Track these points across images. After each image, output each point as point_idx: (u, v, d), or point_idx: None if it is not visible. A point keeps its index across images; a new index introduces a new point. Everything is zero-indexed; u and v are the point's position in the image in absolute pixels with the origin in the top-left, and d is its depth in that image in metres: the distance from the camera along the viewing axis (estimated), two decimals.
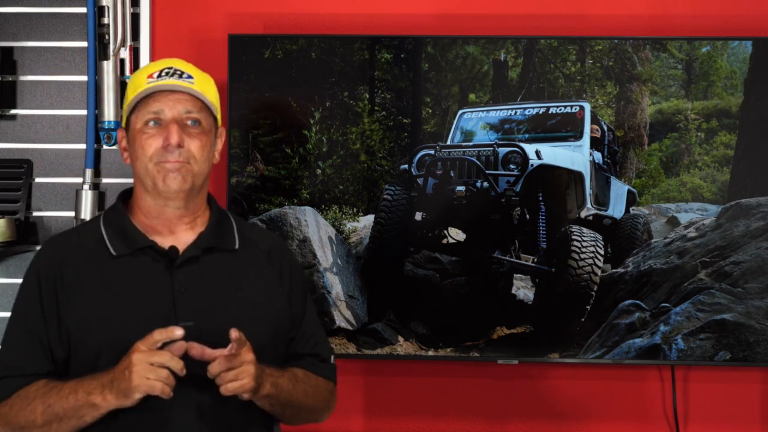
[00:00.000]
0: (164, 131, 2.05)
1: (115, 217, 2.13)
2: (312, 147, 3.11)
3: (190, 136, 2.06)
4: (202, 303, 2.06)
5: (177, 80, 2.08)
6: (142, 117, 2.06)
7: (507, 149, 3.09)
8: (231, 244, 2.15)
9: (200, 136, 2.08)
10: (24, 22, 3.19)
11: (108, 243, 2.08)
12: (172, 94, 2.07)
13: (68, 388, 1.96)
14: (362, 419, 3.25)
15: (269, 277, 2.18)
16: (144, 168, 2.06)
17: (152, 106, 2.06)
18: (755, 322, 3.02)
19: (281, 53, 3.10)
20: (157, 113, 2.05)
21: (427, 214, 3.13)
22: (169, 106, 2.06)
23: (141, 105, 2.07)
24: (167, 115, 2.05)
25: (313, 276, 3.09)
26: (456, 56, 3.13)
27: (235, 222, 2.21)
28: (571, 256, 3.06)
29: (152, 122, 2.06)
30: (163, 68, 2.10)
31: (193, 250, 2.08)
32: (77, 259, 2.07)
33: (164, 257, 2.07)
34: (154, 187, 2.06)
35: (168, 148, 2.03)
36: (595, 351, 3.07)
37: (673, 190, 3.10)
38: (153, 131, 2.06)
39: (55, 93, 3.20)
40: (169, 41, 3.20)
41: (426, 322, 3.12)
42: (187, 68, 2.13)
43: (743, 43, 3.08)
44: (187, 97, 2.08)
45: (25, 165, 3.17)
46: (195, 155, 2.06)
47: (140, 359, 1.88)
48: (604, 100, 3.13)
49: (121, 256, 2.07)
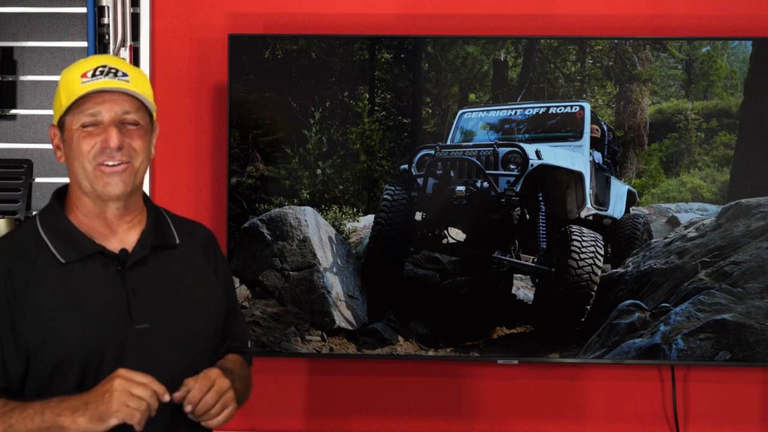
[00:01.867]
0: (102, 133, 1.98)
1: (55, 220, 2.05)
2: (312, 147, 3.11)
3: (130, 136, 2.00)
4: (153, 304, 2.03)
5: (112, 80, 2.00)
6: (78, 119, 1.99)
7: (507, 149, 3.09)
8: (172, 240, 2.12)
9: (139, 135, 2.02)
10: (24, 22, 3.19)
11: (54, 250, 2.01)
12: (108, 95, 1.99)
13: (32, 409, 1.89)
14: (362, 419, 3.25)
15: (208, 271, 2.17)
16: (82, 169, 1.99)
17: (88, 107, 1.99)
18: (755, 322, 3.02)
19: (281, 53, 3.10)
20: (94, 115, 1.99)
21: (427, 214, 3.13)
22: (106, 108, 1.99)
23: (75, 106, 2.00)
24: (105, 117, 1.98)
25: (313, 276, 3.09)
26: (456, 56, 3.13)
27: (168, 217, 2.18)
28: (571, 256, 3.06)
29: (90, 125, 1.99)
30: (96, 66, 2.02)
31: (141, 251, 2.05)
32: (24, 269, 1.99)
33: (114, 261, 2.02)
34: (93, 191, 2.01)
35: (106, 151, 1.97)
36: (595, 351, 3.07)
37: (673, 190, 3.10)
38: (91, 131, 1.98)
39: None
40: (169, 41, 3.20)
41: (426, 322, 3.12)
42: (120, 65, 2.04)
43: (743, 43, 3.08)
44: (124, 97, 2.00)
45: (25, 165, 3.17)
46: (137, 153, 2.01)
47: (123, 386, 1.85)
48: (604, 100, 3.13)
49: (71, 263, 2.00)
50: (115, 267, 2.01)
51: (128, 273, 2.01)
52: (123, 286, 2.00)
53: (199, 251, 2.16)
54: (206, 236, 2.22)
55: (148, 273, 2.04)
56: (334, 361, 3.22)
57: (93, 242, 2.02)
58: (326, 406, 3.25)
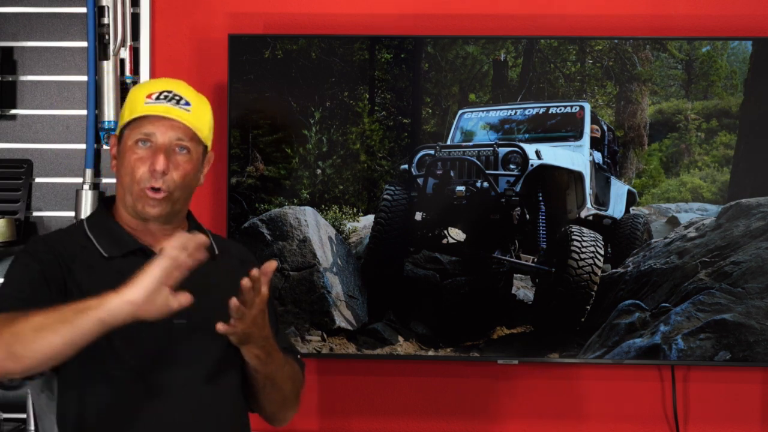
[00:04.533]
0: (152, 156, 2.09)
1: (101, 221, 2.17)
2: (312, 147, 3.11)
3: (176, 164, 2.10)
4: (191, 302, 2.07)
5: (174, 107, 2.12)
6: (134, 136, 2.11)
7: (507, 149, 3.09)
8: (212, 251, 2.21)
9: (186, 164, 2.12)
10: (24, 22, 3.19)
11: (97, 245, 2.11)
12: (166, 120, 2.11)
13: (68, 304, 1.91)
14: (362, 419, 3.25)
15: None
16: (129, 187, 2.11)
17: (145, 127, 2.10)
18: (755, 322, 3.02)
19: (281, 53, 3.10)
20: (148, 136, 2.10)
21: (427, 214, 3.13)
22: (161, 132, 2.10)
23: (135, 123, 2.12)
24: (158, 139, 2.10)
25: (313, 276, 3.09)
26: (456, 56, 3.13)
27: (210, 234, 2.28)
28: (571, 256, 3.06)
29: (142, 143, 2.10)
30: (162, 90, 2.14)
31: None
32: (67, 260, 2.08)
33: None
34: (133, 207, 2.12)
35: (153, 174, 2.08)
36: (595, 351, 3.07)
37: (673, 190, 3.10)
38: (142, 152, 2.09)
39: (55, 93, 3.20)
40: (169, 41, 3.20)
41: (426, 322, 3.12)
42: (186, 93, 2.17)
43: (743, 43, 3.08)
44: (180, 125, 2.12)
45: (25, 165, 3.17)
46: (178, 184, 2.11)
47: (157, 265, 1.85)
48: (604, 100, 3.13)
49: (113, 257, 2.10)
50: None
51: None
52: None
53: (237, 263, 2.24)
54: (244, 252, 2.35)
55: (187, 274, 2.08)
56: (334, 361, 3.22)
57: (136, 240, 2.13)
58: (326, 406, 3.25)
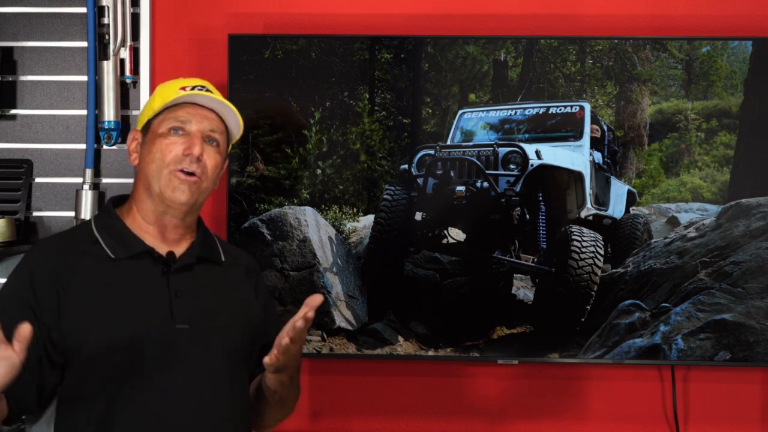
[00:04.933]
0: (187, 141, 2.12)
1: (109, 221, 2.17)
2: (312, 147, 3.11)
3: (208, 153, 2.14)
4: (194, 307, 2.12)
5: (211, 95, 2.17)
6: (167, 123, 2.13)
7: (507, 149, 3.09)
8: (217, 256, 2.25)
9: (216, 155, 2.17)
10: (24, 22, 3.19)
11: (105, 246, 2.12)
12: (201, 110, 2.15)
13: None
14: (362, 419, 3.25)
15: (248, 290, 2.29)
16: (158, 171, 2.11)
17: (181, 115, 2.13)
18: (755, 322, 3.02)
19: (281, 53, 3.10)
20: (183, 123, 2.13)
21: (427, 214, 3.13)
22: (197, 120, 2.14)
23: (168, 111, 2.14)
24: (193, 127, 2.13)
25: (313, 276, 3.09)
26: (456, 56, 3.13)
27: (217, 239, 2.31)
28: (571, 256, 3.06)
29: (176, 130, 2.13)
30: (197, 84, 2.18)
31: (188, 258, 2.16)
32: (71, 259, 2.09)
33: (161, 262, 2.13)
34: (160, 194, 2.12)
35: (187, 158, 2.10)
36: (595, 351, 3.07)
37: (673, 190, 3.10)
38: (175, 139, 2.12)
39: (55, 93, 3.20)
40: (169, 41, 3.20)
41: (426, 322, 3.12)
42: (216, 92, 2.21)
43: (743, 43, 3.08)
44: (214, 117, 2.17)
45: (25, 165, 3.17)
46: (208, 172, 2.14)
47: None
48: (604, 100, 3.13)
49: (120, 259, 2.11)
50: (161, 268, 2.12)
51: (173, 276, 2.12)
52: (167, 286, 2.10)
53: (242, 271, 2.29)
54: (250, 261, 2.37)
55: (192, 279, 2.13)
56: (334, 361, 3.22)
57: (143, 242, 2.14)
58: (326, 406, 3.25)
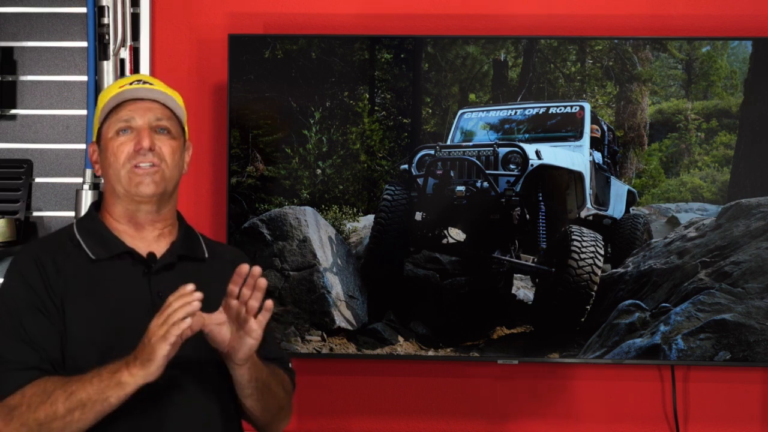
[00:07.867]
0: (135, 137, 2.12)
1: (90, 224, 2.18)
2: (312, 147, 3.11)
3: (161, 141, 2.14)
4: None
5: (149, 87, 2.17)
6: (113, 126, 2.14)
7: (507, 149, 3.09)
8: (200, 254, 2.23)
9: (170, 141, 2.15)
10: (24, 22, 3.19)
11: (86, 248, 2.12)
12: (142, 102, 2.15)
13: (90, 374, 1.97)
14: (362, 419, 3.25)
15: None
16: (116, 174, 2.13)
17: (123, 114, 2.14)
18: (755, 322, 3.02)
19: (281, 53, 3.10)
20: (127, 121, 2.13)
21: (427, 214, 3.13)
22: (139, 114, 2.13)
23: (112, 114, 2.15)
24: (138, 122, 2.13)
25: (313, 276, 3.09)
26: (456, 56, 3.13)
27: (200, 236, 2.30)
28: (571, 256, 3.06)
29: (123, 131, 2.13)
30: (133, 80, 2.19)
31: (169, 257, 2.15)
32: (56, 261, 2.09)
33: (141, 263, 2.12)
34: (126, 193, 2.13)
35: (140, 152, 2.11)
36: (595, 351, 3.07)
37: (673, 190, 3.10)
38: (124, 138, 2.13)
39: (55, 93, 3.20)
40: (169, 41, 3.20)
41: (426, 322, 3.12)
42: (155, 82, 2.21)
43: (743, 43, 3.08)
44: (157, 106, 2.16)
45: (25, 165, 3.17)
46: (166, 158, 2.13)
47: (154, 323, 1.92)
48: (604, 100, 3.13)
49: (100, 260, 2.11)
50: (142, 269, 2.11)
51: (154, 276, 2.11)
52: (149, 287, 2.10)
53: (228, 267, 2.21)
54: (236, 255, 2.33)
55: (174, 278, 2.10)
56: (334, 361, 3.22)
57: (123, 243, 2.14)
58: (326, 406, 3.25)
